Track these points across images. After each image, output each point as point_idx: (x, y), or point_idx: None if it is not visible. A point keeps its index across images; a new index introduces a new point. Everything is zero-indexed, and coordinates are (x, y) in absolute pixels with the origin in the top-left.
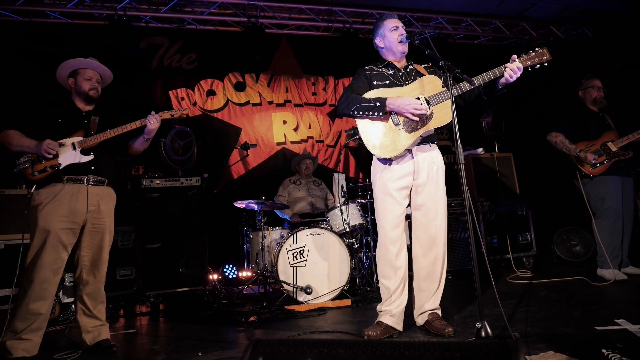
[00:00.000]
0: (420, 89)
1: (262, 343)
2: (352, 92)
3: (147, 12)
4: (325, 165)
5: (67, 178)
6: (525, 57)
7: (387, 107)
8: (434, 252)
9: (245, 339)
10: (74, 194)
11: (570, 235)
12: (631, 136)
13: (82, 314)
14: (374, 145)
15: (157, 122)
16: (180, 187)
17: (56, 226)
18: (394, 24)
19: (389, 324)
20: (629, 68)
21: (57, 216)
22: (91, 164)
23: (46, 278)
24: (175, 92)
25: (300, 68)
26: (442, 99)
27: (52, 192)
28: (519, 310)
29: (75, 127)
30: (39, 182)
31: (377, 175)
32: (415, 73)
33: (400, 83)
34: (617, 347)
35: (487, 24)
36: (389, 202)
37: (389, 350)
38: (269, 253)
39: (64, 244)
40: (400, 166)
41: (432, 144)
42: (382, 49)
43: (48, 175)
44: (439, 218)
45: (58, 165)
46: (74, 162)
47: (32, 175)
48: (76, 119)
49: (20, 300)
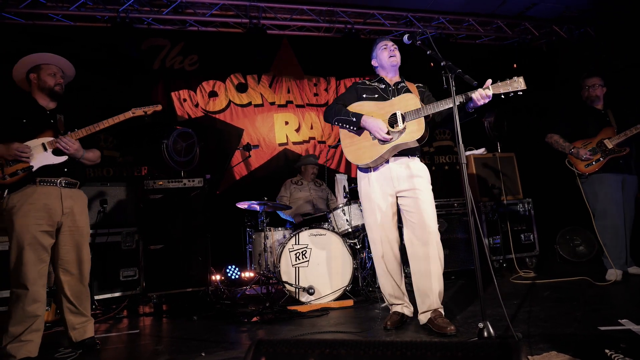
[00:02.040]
0: (399, 105)
1: (264, 343)
2: (339, 103)
3: (149, 14)
4: (327, 165)
5: (40, 180)
6: (499, 84)
7: (360, 123)
8: (426, 252)
9: (248, 340)
10: (47, 196)
11: (573, 235)
12: (628, 132)
13: (69, 312)
14: (349, 152)
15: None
16: (183, 188)
17: (33, 229)
18: (383, 43)
19: (404, 313)
20: (632, 67)
21: (33, 219)
22: (64, 166)
23: (34, 280)
24: (177, 93)
25: (302, 69)
26: (417, 115)
27: (26, 195)
28: (522, 311)
29: (41, 127)
30: (11, 186)
31: (361, 181)
32: (405, 90)
33: (387, 97)
34: (620, 347)
35: (489, 24)
36: (369, 207)
37: (390, 350)
38: (271, 254)
39: (43, 245)
40: (378, 174)
41: (412, 157)
42: (377, 68)
43: (20, 178)
44: (428, 218)
45: (30, 167)
46: (47, 163)
47: (2, 178)
48: (41, 118)
49: (15, 305)
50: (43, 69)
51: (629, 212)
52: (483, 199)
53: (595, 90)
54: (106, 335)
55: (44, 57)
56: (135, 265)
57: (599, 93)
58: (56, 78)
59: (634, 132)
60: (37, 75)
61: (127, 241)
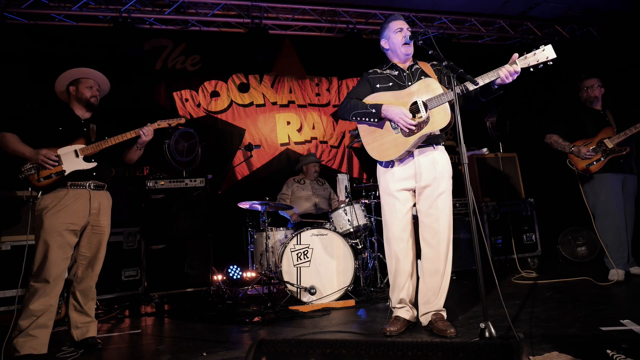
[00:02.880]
0: (419, 92)
1: (265, 343)
2: (352, 97)
3: (151, 14)
4: (329, 165)
5: (71, 184)
6: (527, 56)
7: (381, 113)
8: (438, 252)
9: (250, 339)
10: (77, 198)
11: (576, 236)
12: (628, 131)
13: (74, 310)
14: (372, 148)
15: (151, 133)
16: (185, 188)
17: (61, 228)
18: (398, 26)
19: (406, 318)
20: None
21: (63, 219)
22: (93, 170)
23: (57, 276)
24: (179, 93)
25: (304, 69)
26: (439, 102)
27: (57, 197)
28: (524, 311)
29: (75, 135)
30: (45, 188)
31: (381, 177)
32: (420, 72)
33: (404, 84)
34: (622, 347)
35: (491, 24)
36: (390, 202)
37: (391, 350)
38: (273, 254)
39: (69, 244)
40: (402, 168)
41: (436, 146)
42: (387, 51)
43: (53, 181)
44: (443, 219)
45: (62, 172)
46: (78, 169)
47: (37, 181)
48: (76, 127)
49: (30, 298)
50: (82, 82)
51: (630, 211)
52: (485, 199)
53: (593, 91)
54: (108, 335)
55: (83, 72)
56: (137, 265)
57: (597, 94)
58: (92, 91)
59: (634, 132)
60: (76, 87)
61: (129, 241)
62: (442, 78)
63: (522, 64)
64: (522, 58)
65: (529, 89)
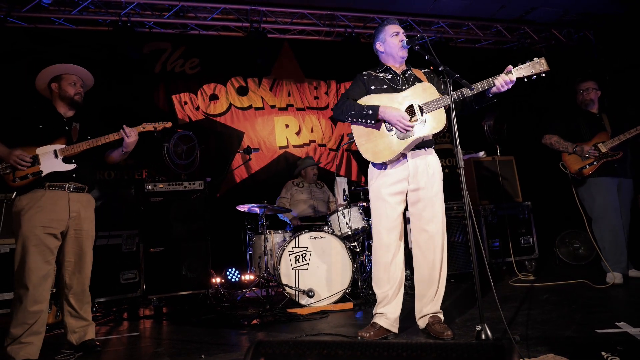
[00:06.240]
0: (415, 96)
1: (263, 344)
2: (348, 98)
3: (150, 17)
4: (327, 168)
5: (49, 184)
6: (521, 67)
7: (378, 115)
8: (432, 256)
9: (248, 342)
10: (55, 200)
11: (573, 238)
12: (622, 136)
13: (69, 315)
14: (366, 150)
15: (134, 135)
16: (183, 191)
17: (39, 231)
18: (395, 30)
19: (383, 326)
20: (629, 69)
21: (40, 221)
22: (73, 172)
23: (38, 282)
24: (178, 96)
25: (303, 72)
26: (435, 106)
27: (34, 198)
28: (520, 313)
29: (56, 134)
30: (20, 189)
31: (373, 180)
32: (413, 78)
33: (398, 88)
34: (617, 349)
35: (489, 28)
36: (381, 207)
37: (386, 351)
38: (271, 256)
39: (49, 247)
40: (395, 171)
41: (428, 149)
42: (382, 54)
43: (29, 182)
44: (436, 222)
45: (40, 172)
46: (56, 170)
47: (12, 181)
48: (57, 125)
49: (16, 306)
50: (64, 79)
51: (625, 215)
52: (483, 202)
53: (589, 94)
54: (106, 338)
55: (65, 68)
56: (136, 267)
57: (593, 97)
58: (76, 87)
59: (628, 137)
60: (59, 84)
61: (127, 244)
62: (435, 86)
63: (517, 74)
64: (517, 68)
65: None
